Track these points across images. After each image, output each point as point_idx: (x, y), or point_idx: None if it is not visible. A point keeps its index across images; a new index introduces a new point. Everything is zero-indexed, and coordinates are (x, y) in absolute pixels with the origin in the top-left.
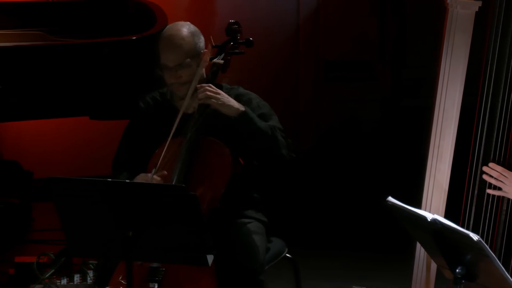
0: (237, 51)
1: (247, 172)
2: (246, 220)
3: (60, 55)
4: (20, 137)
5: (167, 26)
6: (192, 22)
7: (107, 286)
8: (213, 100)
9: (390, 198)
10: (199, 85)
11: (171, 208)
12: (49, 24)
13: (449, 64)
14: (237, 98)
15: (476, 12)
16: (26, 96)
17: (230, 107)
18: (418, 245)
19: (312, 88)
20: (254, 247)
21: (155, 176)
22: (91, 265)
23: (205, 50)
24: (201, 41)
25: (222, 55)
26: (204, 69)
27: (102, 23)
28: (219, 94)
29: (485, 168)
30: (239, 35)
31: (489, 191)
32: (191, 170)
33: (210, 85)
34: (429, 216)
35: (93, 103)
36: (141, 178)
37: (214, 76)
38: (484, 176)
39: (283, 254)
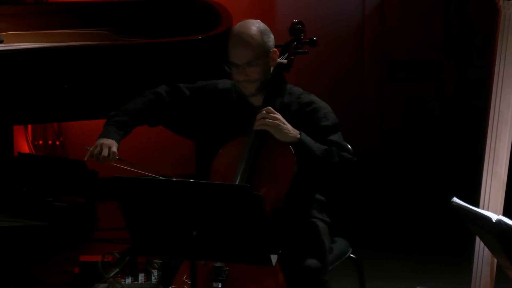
0: (300, 51)
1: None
2: (310, 220)
3: (126, 55)
4: (85, 136)
5: (237, 24)
6: None
7: (171, 286)
8: (271, 127)
9: (455, 199)
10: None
11: (235, 207)
12: (115, 23)
13: (503, 66)
14: (305, 105)
15: None
16: (91, 95)
17: (286, 134)
18: (477, 246)
19: (377, 88)
20: (318, 247)
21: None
22: (155, 264)
23: (275, 49)
24: (271, 40)
25: (286, 54)
26: (272, 68)
27: (167, 23)
28: (276, 120)
29: None
30: (302, 34)
31: None
32: (255, 169)
33: (269, 108)
34: (494, 217)
35: None
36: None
37: (277, 76)
38: None
39: (347, 255)
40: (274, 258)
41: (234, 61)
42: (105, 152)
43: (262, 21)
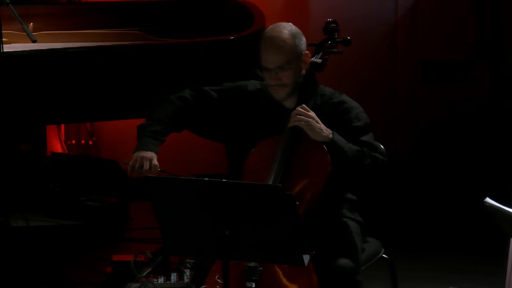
0: (335, 50)
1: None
2: (343, 220)
3: (159, 55)
4: (117, 136)
5: (269, 27)
6: (287, 22)
7: (204, 285)
8: (304, 125)
9: (488, 199)
10: (297, 109)
11: (267, 207)
12: (148, 23)
13: None
14: (337, 105)
15: None
16: (124, 95)
17: (318, 133)
18: (511, 247)
19: (410, 88)
20: (352, 247)
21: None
22: (188, 264)
23: (306, 51)
24: (303, 43)
25: (320, 54)
26: (304, 70)
27: (199, 23)
28: (310, 118)
29: None
30: (336, 34)
31: None
32: (289, 168)
33: (304, 106)
34: None
35: None
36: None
37: (310, 76)
38: None
39: (380, 255)
40: (306, 258)
41: (266, 65)
42: (146, 166)
43: (296, 20)
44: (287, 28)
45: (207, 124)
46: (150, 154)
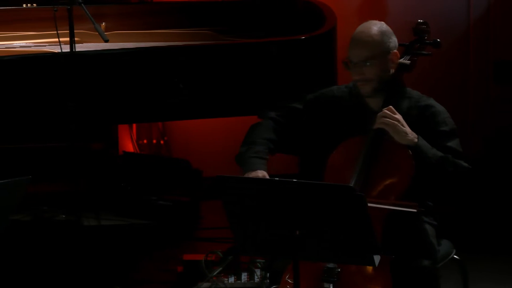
0: (424, 52)
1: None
2: (419, 223)
3: (230, 55)
4: (189, 135)
5: (362, 24)
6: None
7: (276, 285)
8: (390, 127)
9: None
10: (383, 110)
11: (338, 207)
12: (218, 23)
13: None
14: (425, 108)
15: None
16: (196, 94)
17: (403, 137)
18: None
19: (482, 89)
20: (430, 250)
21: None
22: (258, 264)
23: (395, 51)
24: (392, 42)
25: (409, 56)
26: (392, 70)
27: (270, 22)
28: (396, 120)
29: None
30: (426, 35)
31: None
32: (372, 170)
33: (391, 107)
34: None
35: (261, 102)
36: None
37: (397, 78)
38: None
39: (451, 255)
40: (377, 258)
41: (350, 59)
42: None
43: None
44: (377, 25)
45: (298, 139)
46: (262, 173)
